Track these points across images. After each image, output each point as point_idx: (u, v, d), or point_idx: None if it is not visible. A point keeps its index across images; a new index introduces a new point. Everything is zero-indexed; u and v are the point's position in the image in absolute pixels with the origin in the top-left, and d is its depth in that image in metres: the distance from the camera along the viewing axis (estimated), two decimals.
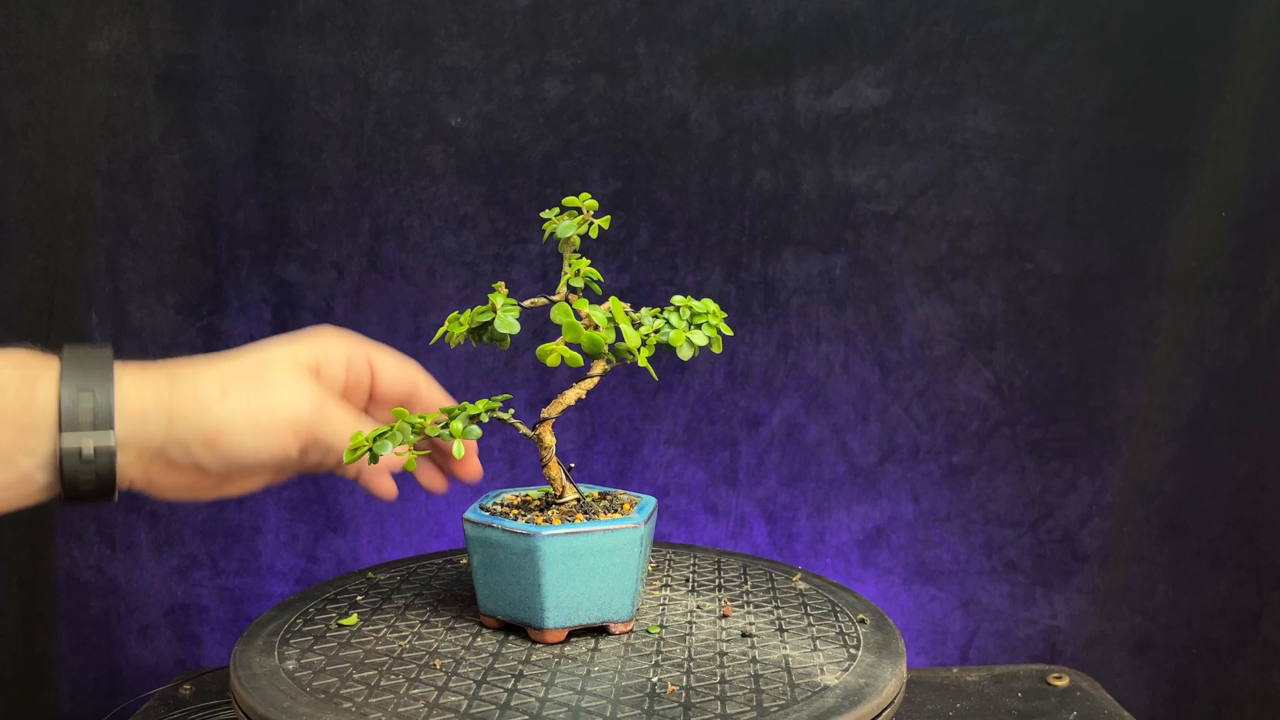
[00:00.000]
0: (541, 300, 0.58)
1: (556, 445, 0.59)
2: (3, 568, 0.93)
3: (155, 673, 0.95)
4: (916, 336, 0.95)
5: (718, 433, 0.96)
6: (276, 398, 0.57)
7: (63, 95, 0.87)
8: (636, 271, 0.93)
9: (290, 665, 0.53)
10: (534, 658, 0.54)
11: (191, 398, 0.56)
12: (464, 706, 0.48)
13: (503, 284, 0.57)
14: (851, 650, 0.55)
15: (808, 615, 0.61)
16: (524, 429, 0.57)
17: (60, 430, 0.53)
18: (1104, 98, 0.92)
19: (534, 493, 0.62)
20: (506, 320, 0.56)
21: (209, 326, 0.91)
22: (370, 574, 0.68)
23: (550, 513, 0.57)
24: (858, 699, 0.50)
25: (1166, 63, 0.91)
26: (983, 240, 0.94)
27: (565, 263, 0.58)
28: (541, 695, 0.50)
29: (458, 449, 0.54)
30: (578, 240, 0.58)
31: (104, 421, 0.54)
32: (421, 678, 0.52)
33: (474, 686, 0.51)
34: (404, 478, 0.97)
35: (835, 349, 0.96)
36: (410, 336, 0.93)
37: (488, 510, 0.58)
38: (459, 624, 0.59)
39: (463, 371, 0.94)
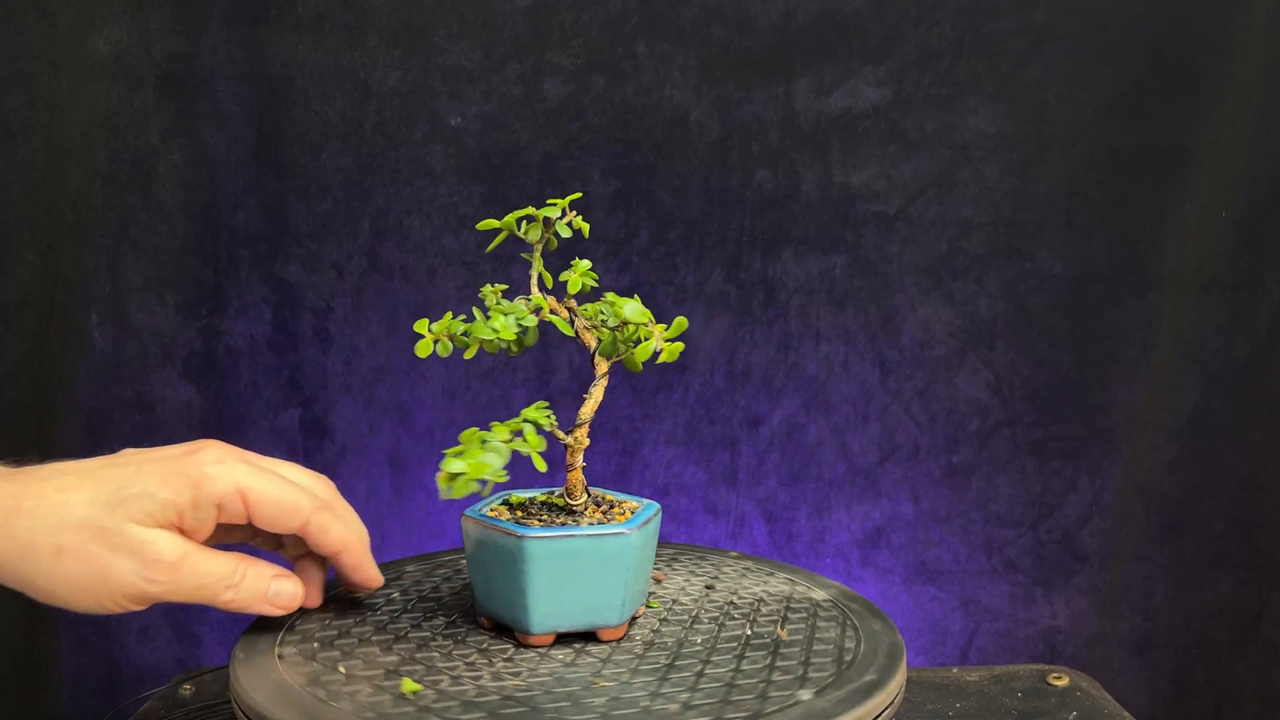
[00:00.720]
0: (538, 299, 0.58)
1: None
2: None
3: (155, 673, 0.95)
4: (916, 336, 0.95)
5: (718, 433, 0.96)
6: (115, 566, 0.50)
7: (63, 95, 0.87)
8: (636, 271, 0.93)
9: (291, 665, 0.53)
10: (593, 651, 0.55)
11: (20, 552, 0.50)
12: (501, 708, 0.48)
13: (490, 286, 0.57)
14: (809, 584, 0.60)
15: (737, 574, 0.66)
16: (561, 434, 0.57)
17: None
18: (1104, 98, 0.92)
19: (541, 495, 0.62)
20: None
21: (209, 326, 0.91)
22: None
23: (575, 514, 0.57)
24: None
25: (1166, 63, 0.91)
26: (983, 240, 0.94)
27: (535, 264, 0.58)
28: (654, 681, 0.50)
29: (539, 462, 0.51)
30: (555, 242, 0.57)
31: None
32: (438, 678, 0.52)
33: (531, 688, 0.50)
34: (405, 479, 0.97)
35: (835, 349, 0.96)
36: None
37: (509, 506, 0.58)
38: (465, 624, 0.59)
39: (463, 371, 0.94)
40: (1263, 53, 0.90)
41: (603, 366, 0.57)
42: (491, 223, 0.57)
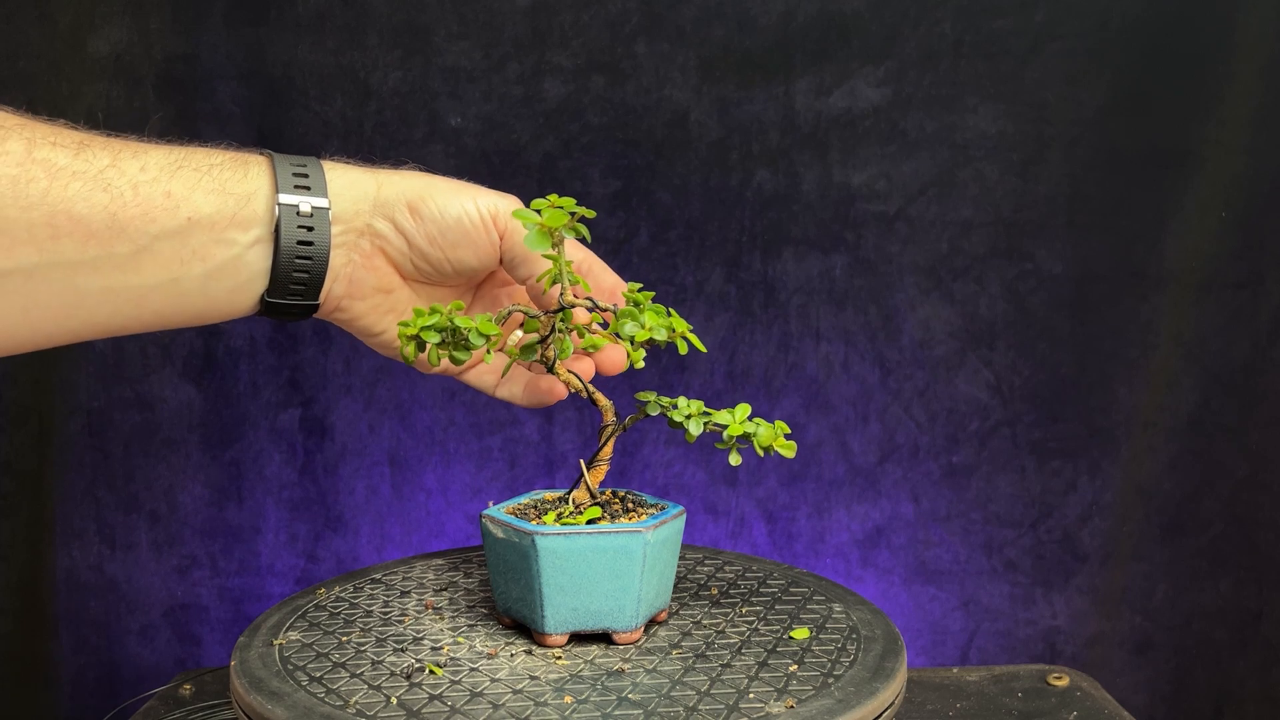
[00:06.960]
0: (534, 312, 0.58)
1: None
2: (3, 568, 0.93)
3: (155, 673, 0.95)
4: (916, 336, 0.95)
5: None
6: (478, 189, 0.61)
7: (63, 95, 0.87)
8: (636, 271, 0.93)
9: (292, 665, 0.53)
10: (610, 653, 0.54)
11: (397, 174, 0.59)
12: (527, 712, 0.48)
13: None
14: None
15: (737, 574, 0.65)
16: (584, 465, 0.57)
17: (277, 191, 0.54)
18: (1104, 98, 0.92)
19: (550, 495, 0.62)
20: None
21: (209, 326, 0.91)
22: (375, 574, 0.68)
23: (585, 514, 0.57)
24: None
25: (1166, 63, 0.91)
26: (983, 240, 0.94)
27: (565, 271, 0.57)
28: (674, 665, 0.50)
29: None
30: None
31: (318, 187, 0.55)
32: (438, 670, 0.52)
33: (548, 692, 0.50)
34: (405, 479, 0.97)
35: (835, 349, 0.96)
36: None
37: (530, 504, 0.58)
38: (468, 624, 0.59)
39: None
40: (1263, 53, 0.90)
41: (610, 415, 0.59)
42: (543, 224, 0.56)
